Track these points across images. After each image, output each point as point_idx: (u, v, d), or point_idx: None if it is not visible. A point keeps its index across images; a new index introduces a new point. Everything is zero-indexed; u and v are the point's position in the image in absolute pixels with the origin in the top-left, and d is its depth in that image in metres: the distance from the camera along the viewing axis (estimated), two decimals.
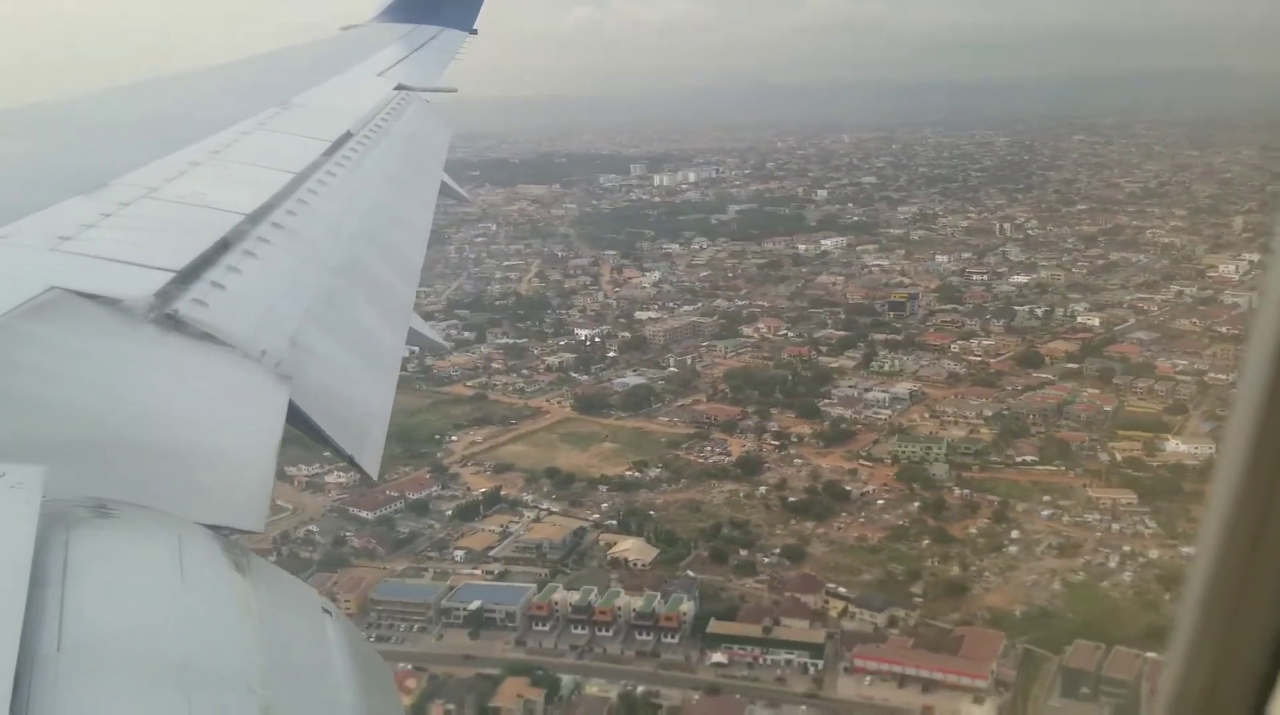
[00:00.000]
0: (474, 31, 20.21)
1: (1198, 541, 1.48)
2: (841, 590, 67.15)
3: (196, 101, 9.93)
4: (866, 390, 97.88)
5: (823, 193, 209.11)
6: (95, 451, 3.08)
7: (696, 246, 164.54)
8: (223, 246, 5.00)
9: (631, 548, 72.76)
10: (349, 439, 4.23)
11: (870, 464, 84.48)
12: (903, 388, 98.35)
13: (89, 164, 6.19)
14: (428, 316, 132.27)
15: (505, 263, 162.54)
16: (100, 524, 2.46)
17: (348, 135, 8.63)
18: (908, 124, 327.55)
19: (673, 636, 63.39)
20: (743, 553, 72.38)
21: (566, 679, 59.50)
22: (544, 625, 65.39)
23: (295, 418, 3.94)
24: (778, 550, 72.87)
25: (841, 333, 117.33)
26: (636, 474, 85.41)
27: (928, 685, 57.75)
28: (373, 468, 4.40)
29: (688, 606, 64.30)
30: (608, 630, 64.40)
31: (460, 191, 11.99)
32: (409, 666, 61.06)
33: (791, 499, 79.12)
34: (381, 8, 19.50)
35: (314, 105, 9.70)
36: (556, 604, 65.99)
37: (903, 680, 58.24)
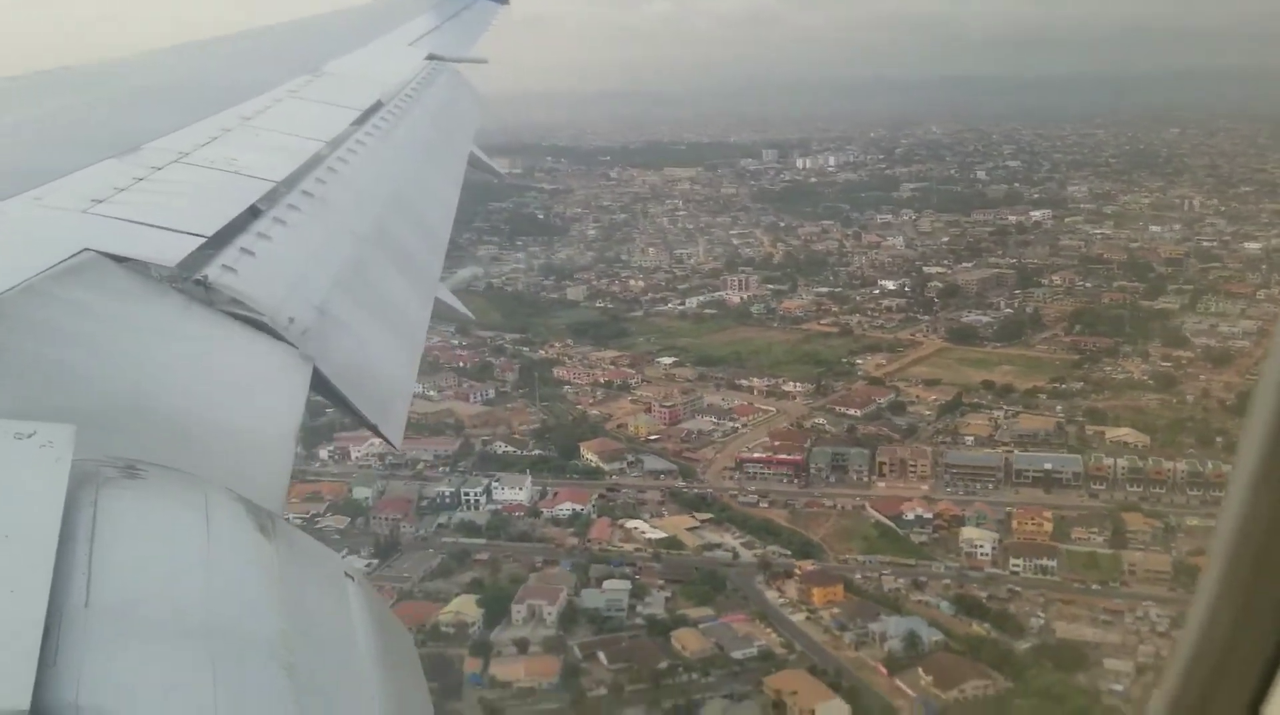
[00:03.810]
0: (506, 2, 20.74)
1: (1209, 546, 1.63)
2: None
3: (229, 67, 10.27)
4: (1213, 324, 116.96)
5: (980, 174, 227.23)
6: (122, 415, 3.27)
7: (905, 217, 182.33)
8: (253, 213, 5.25)
9: (1126, 432, 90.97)
10: (373, 408, 4.50)
11: None
12: (1247, 324, 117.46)
13: (122, 127, 6.44)
14: (715, 274, 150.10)
15: (730, 231, 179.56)
16: (129, 484, 2.60)
17: (378, 104, 9.06)
18: (983, 117, 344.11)
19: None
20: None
21: (1171, 517, 77.60)
22: (1102, 484, 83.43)
23: (320, 385, 4.20)
24: None
25: (1137, 283, 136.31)
26: (1060, 386, 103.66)
27: None
28: (396, 437, 4.64)
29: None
30: (1161, 487, 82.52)
31: (492, 165, 12.31)
32: (1014, 508, 78.68)
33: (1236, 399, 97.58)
34: None
35: (345, 73, 9.98)
36: (1108, 468, 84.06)
37: None
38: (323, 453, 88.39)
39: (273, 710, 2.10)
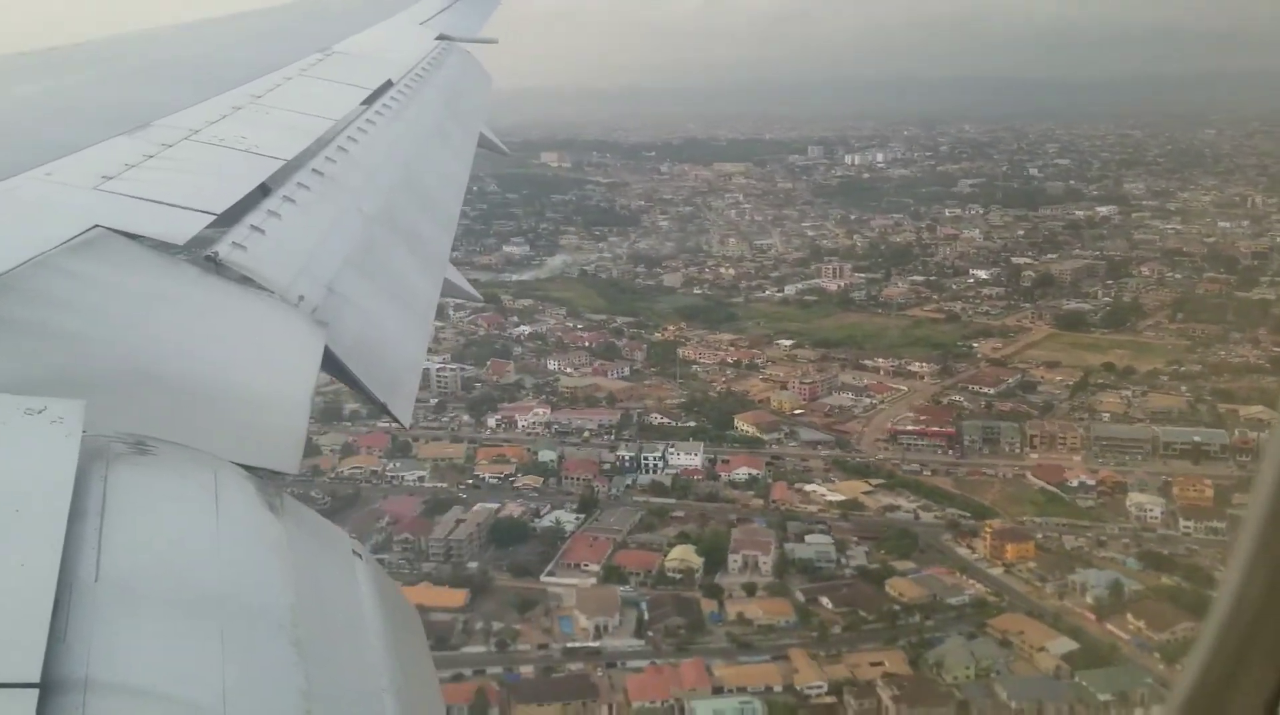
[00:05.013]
0: None
1: (1233, 546, 1.71)
2: None
3: (240, 45, 10.50)
4: None
5: (1033, 171, 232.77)
6: (133, 389, 3.32)
7: (973, 212, 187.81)
8: (263, 191, 5.37)
9: (1260, 411, 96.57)
10: (382, 387, 4.59)
11: None
12: None
13: (132, 104, 6.57)
14: (802, 263, 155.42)
15: (802, 223, 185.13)
16: (139, 460, 2.66)
17: (388, 84, 9.20)
18: (1012, 117, 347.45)
19: None
20: None
21: None
22: (1248, 456, 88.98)
23: (330, 364, 4.28)
24: None
25: (1227, 275, 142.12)
26: (1179, 368, 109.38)
27: None
28: (405, 416, 4.72)
29: None
30: None
31: (499, 145, 12.62)
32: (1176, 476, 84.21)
33: None
34: None
35: (355, 53, 10.20)
36: (1254, 441, 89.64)
37: None
38: (490, 421, 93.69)
39: (281, 684, 2.17)
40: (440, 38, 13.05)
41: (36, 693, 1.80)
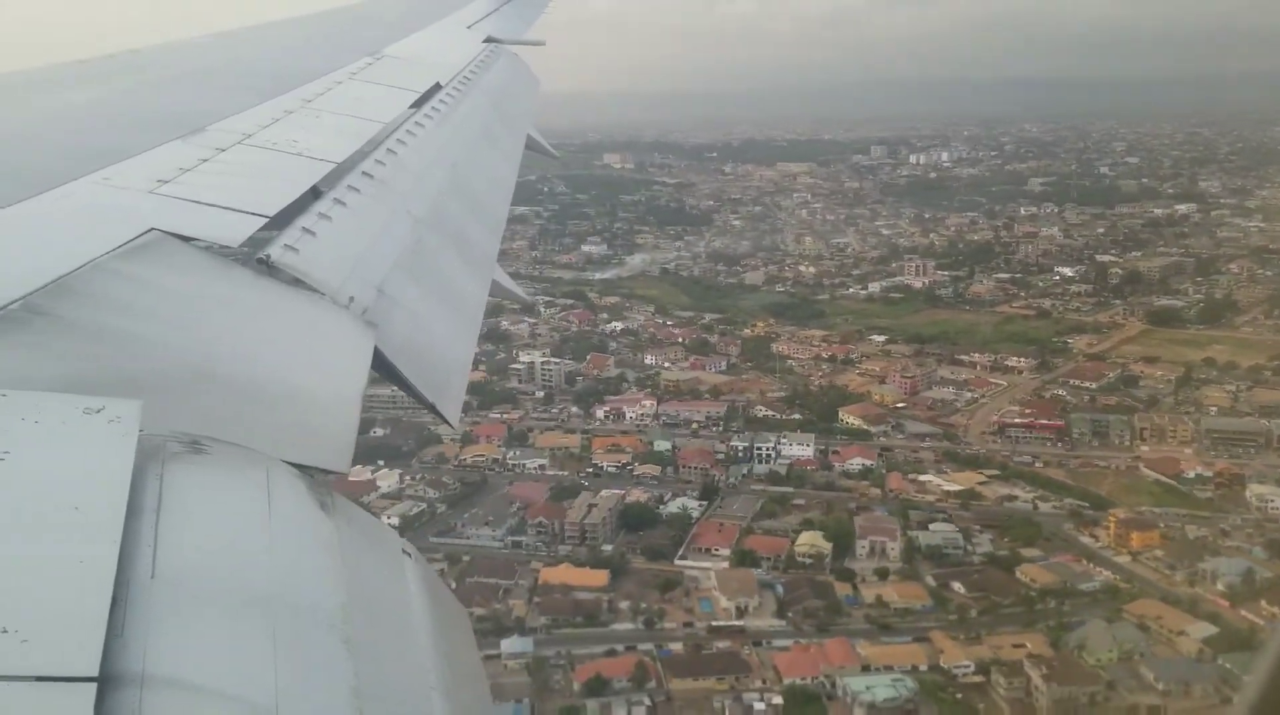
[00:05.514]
0: None
1: None
2: None
3: (290, 50, 10.64)
4: None
5: (1104, 169, 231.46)
6: (188, 390, 3.40)
7: (1047, 210, 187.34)
8: (314, 194, 5.45)
9: None
10: (431, 387, 4.67)
11: None
12: None
13: (186, 109, 6.66)
14: (882, 261, 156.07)
15: (875, 222, 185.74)
16: (194, 459, 2.73)
17: (437, 87, 9.36)
18: (1071, 116, 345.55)
19: None
20: None
21: None
22: None
23: (380, 364, 4.35)
24: None
25: None
26: None
27: None
28: (453, 416, 4.82)
29: None
30: None
31: (547, 147, 12.81)
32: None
33: None
34: None
35: (404, 56, 10.37)
36: None
37: None
38: (599, 413, 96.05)
39: (332, 682, 2.21)
40: (488, 41, 13.17)
41: (95, 686, 1.86)
